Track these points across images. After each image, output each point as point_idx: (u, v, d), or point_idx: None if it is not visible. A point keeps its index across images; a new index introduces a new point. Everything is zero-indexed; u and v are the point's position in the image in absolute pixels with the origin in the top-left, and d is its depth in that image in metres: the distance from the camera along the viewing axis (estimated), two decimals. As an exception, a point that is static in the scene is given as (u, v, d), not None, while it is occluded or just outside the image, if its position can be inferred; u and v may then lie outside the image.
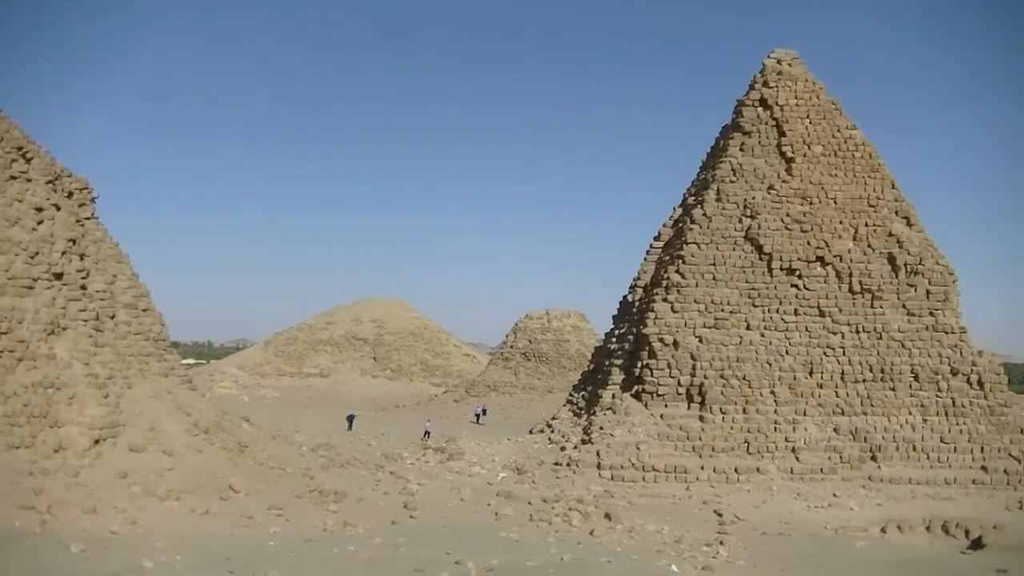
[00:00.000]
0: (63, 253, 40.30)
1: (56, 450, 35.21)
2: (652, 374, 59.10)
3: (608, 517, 43.57)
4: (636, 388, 59.73)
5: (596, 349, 75.07)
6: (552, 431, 63.76)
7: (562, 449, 57.76)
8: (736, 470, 54.21)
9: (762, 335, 60.27)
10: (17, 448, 34.20)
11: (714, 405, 57.39)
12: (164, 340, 47.25)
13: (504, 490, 49.14)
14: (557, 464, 55.22)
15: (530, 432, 68.26)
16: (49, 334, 38.07)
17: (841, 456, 55.96)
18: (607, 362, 65.92)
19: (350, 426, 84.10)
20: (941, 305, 61.89)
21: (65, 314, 39.50)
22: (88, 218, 44.95)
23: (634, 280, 69.05)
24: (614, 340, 67.83)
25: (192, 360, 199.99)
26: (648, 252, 69.03)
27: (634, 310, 66.59)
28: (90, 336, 40.60)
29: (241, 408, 79.94)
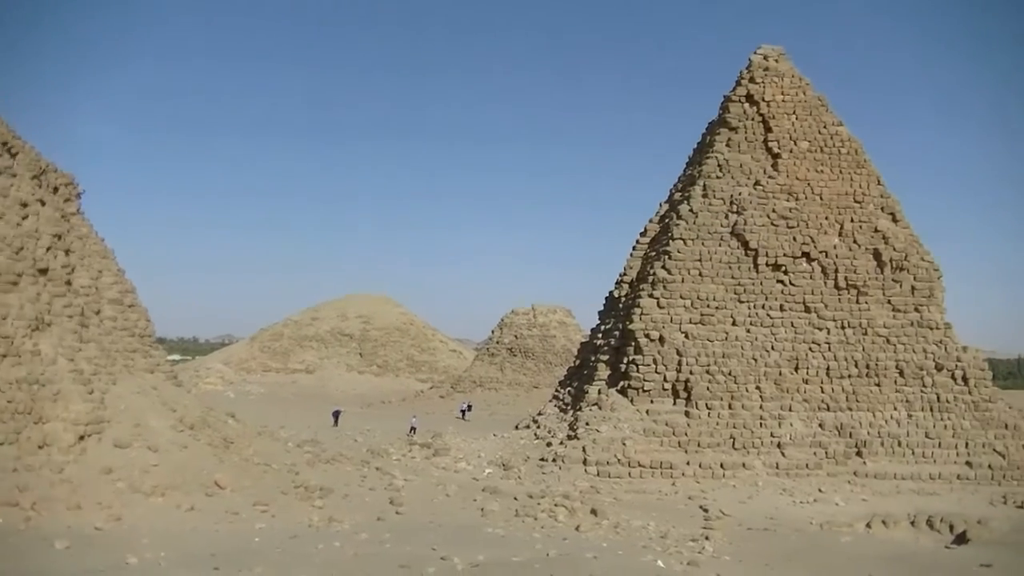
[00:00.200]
0: (48, 248, 40.09)
1: (40, 446, 35.02)
2: (638, 370, 59.13)
3: (594, 513, 43.54)
4: (622, 384, 59.75)
5: (582, 345, 75.02)
6: (538, 427, 63.69)
7: (548, 445, 57.73)
8: (722, 465, 54.26)
9: (748, 331, 60.33)
10: (1, 444, 33.98)
11: (700, 401, 57.44)
12: (149, 336, 47.04)
13: (490, 486, 49.13)
14: (543, 460, 55.18)
15: (516, 428, 68.19)
16: (34, 330, 37.86)
17: (826, 451, 56.07)
18: (593, 358, 65.93)
19: (336, 422, 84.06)
20: (926, 301, 62.05)
21: (50, 310, 39.30)
22: (73, 213, 44.74)
23: (620, 276, 69.04)
24: (600, 336, 67.84)
25: (178, 356, 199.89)
26: (634, 248, 69.03)
27: (620, 306, 66.58)
28: (75, 332, 40.41)
29: (227, 404, 79.80)
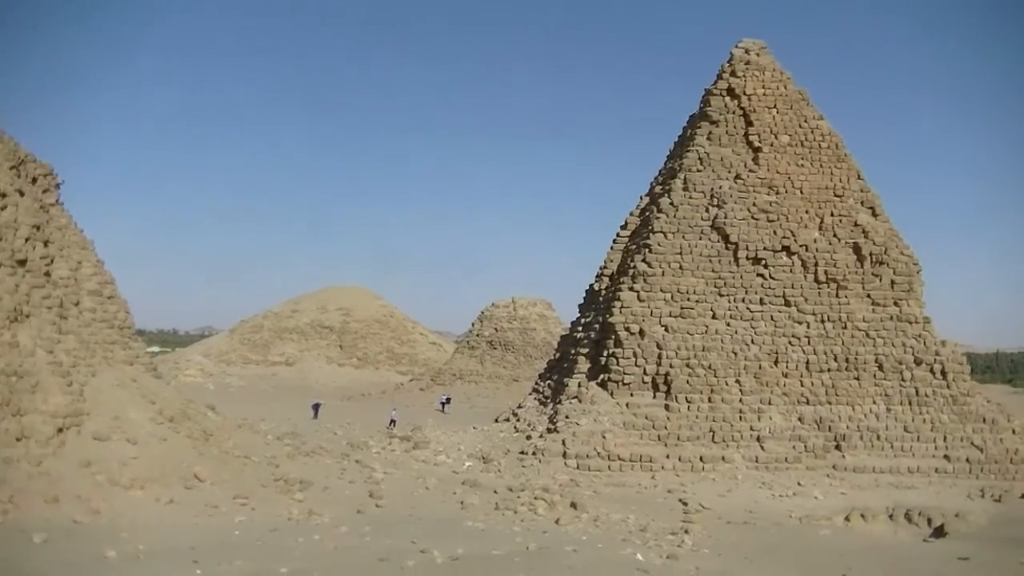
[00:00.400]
0: (27, 239, 39.78)
1: (18, 439, 34.74)
2: (618, 363, 59.18)
3: (574, 506, 43.62)
4: (602, 377, 59.80)
5: (562, 338, 75.02)
6: (518, 420, 63.74)
7: (528, 438, 57.74)
8: (701, 459, 54.35)
9: (728, 324, 60.42)
10: (-22, 437, 33.85)
11: (679, 394, 57.52)
12: (129, 328, 46.77)
13: (470, 479, 49.13)
14: (523, 453, 55.18)
15: (496, 421, 68.17)
16: (12, 321, 37.59)
17: (806, 445, 56.21)
18: (573, 351, 65.96)
19: (316, 415, 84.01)
20: (905, 295, 62.25)
21: (28, 301, 39.02)
22: (53, 204, 44.43)
23: (600, 269, 69.05)
24: (580, 329, 67.86)
25: (157, 348, 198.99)
26: (615, 241, 69.04)
27: (600, 299, 66.62)
28: (54, 323, 40.15)
29: (206, 396, 79.60)
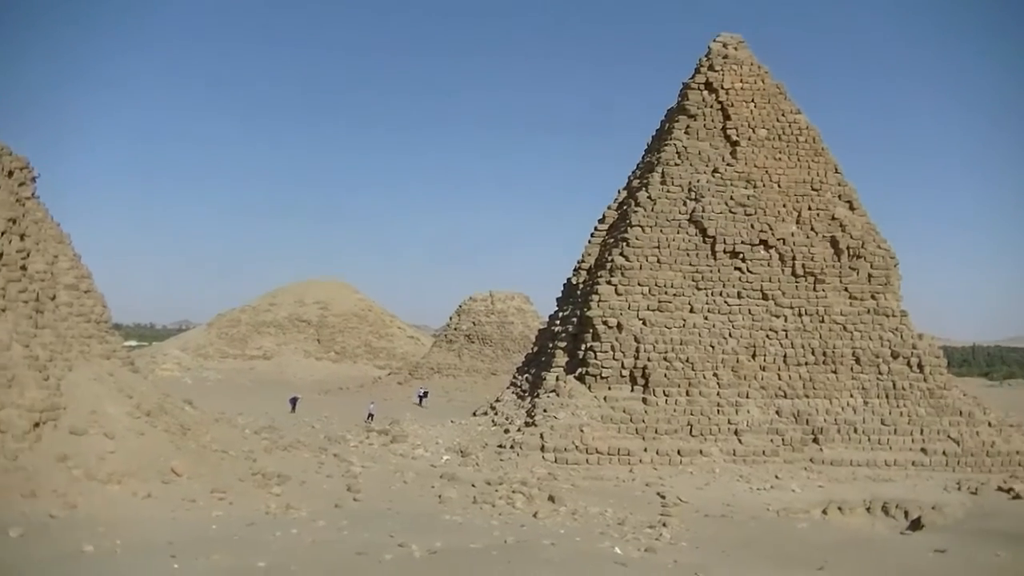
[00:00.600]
0: (2, 233, 39.58)
1: (-6, 433, 34.69)
2: (596, 356, 59.21)
3: (552, 499, 43.61)
4: (580, 370, 59.81)
5: (540, 331, 75.06)
6: (496, 413, 63.68)
7: (506, 431, 57.71)
8: (679, 452, 54.41)
9: (705, 318, 60.52)
10: (-46, 432, 33.69)
11: (657, 388, 57.58)
12: (106, 322, 46.55)
13: (448, 472, 49.07)
14: (501, 446, 55.16)
15: (474, 414, 68.11)
16: (-13, 315, 37.50)
17: (783, 438, 56.36)
18: (551, 344, 65.96)
19: (293, 408, 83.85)
20: (882, 289, 62.48)
21: (4, 295, 38.83)
22: (29, 197, 44.17)
23: (578, 262, 69.09)
24: (558, 322, 67.86)
25: (134, 342, 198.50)
26: (593, 234, 69.08)
27: (578, 292, 66.66)
28: (30, 317, 39.97)
29: (184, 391, 79.38)
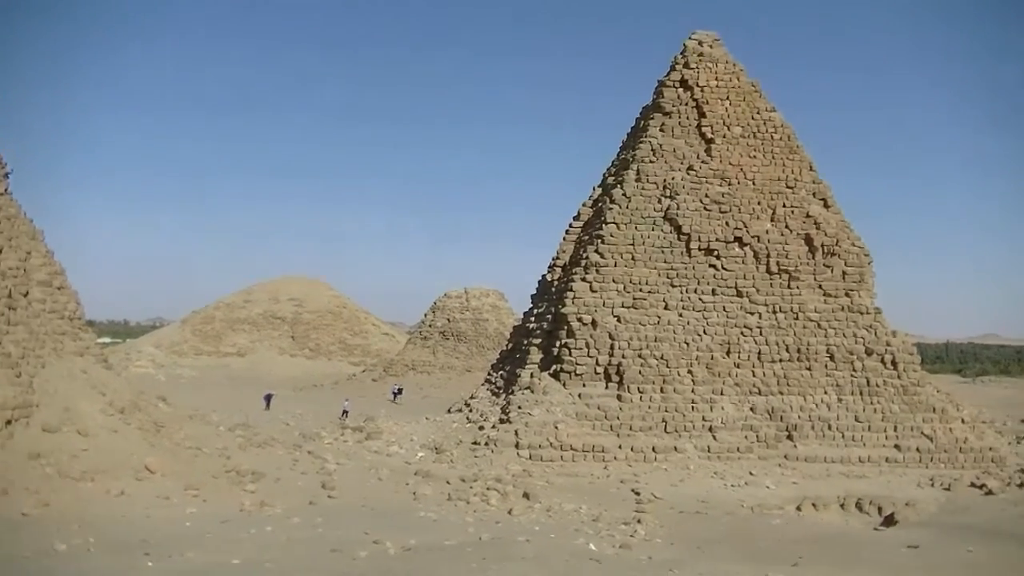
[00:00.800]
0: (-28, 229, 39.39)
1: (-36, 431, 34.44)
2: (570, 353, 59.20)
3: (526, 496, 43.59)
4: (554, 367, 59.78)
5: (514, 328, 74.99)
6: (470, 410, 63.62)
7: (480, 428, 57.64)
8: (654, 449, 54.44)
9: (680, 315, 60.58)
10: (-76, 428, 33.45)
11: (632, 384, 57.60)
12: (79, 319, 46.29)
13: (422, 469, 48.98)
14: (475, 443, 55.07)
15: (448, 411, 68.08)
16: (-43, 312, 37.22)
17: (758, 435, 56.45)
18: (525, 341, 65.92)
19: (268, 405, 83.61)
20: (856, 286, 62.65)
21: (-26, 291, 38.63)
22: (1, 194, 43.95)
23: (553, 259, 69.11)
24: (533, 319, 67.85)
25: (108, 339, 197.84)
26: (567, 232, 69.09)
27: (553, 289, 66.65)
28: (2, 314, 39.62)
29: (158, 388, 78.90)
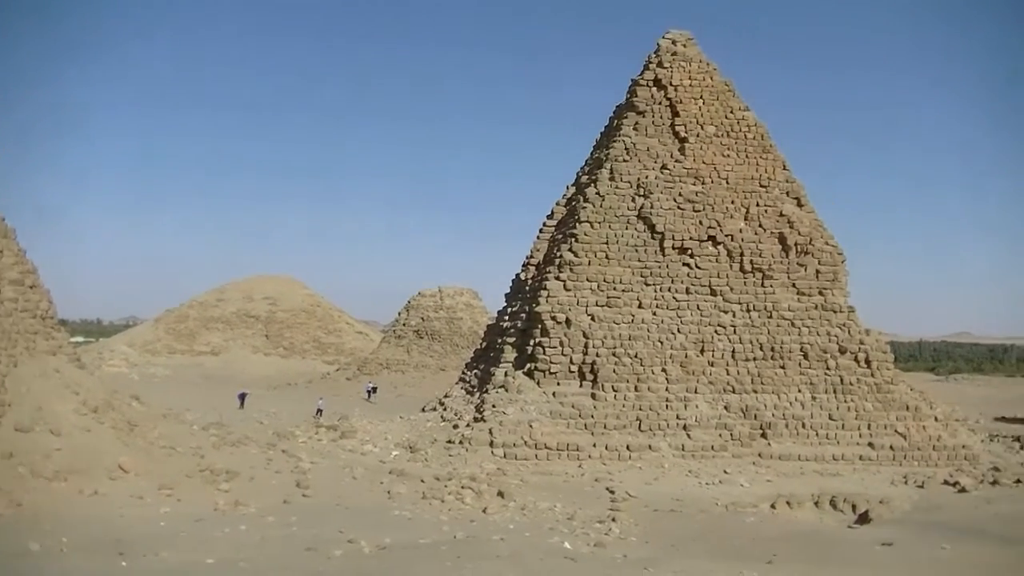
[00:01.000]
0: (-57, 228, 39.16)
1: (-64, 430, 34.27)
2: (544, 352, 59.25)
3: (501, 495, 43.58)
4: (528, 366, 59.83)
5: (488, 327, 74.99)
6: (445, 409, 63.61)
7: (455, 427, 57.62)
8: (628, 447, 54.54)
9: (654, 314, 60.70)
10: None
11: (606, 383, 57.71)
12: (52, 317, 46.03)
13: (397, 468, 48.92)
14: (450, 442, 55.04)
15: (423, 410, 68.00)
16: (-72, 311, 37.00)
17: (732, 433, 56.60)
18: (499, 340, 65.94)
19: (242, 404, 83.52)
20: (830, 285, 62.91)
21: (-54, 290, 38.41)
22: (-29, 192, 43.69)
23: (527, 258, 69.17)
24: (507, 318, 67.90)
25: (81, 338, 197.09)
26: (541, 230, 69.18)
27: (527, 288, 66.69)
28: (-28, 313, 39.56)
29: (131, 387, 78.41)
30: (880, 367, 61.17)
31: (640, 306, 60.74)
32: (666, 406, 57.38)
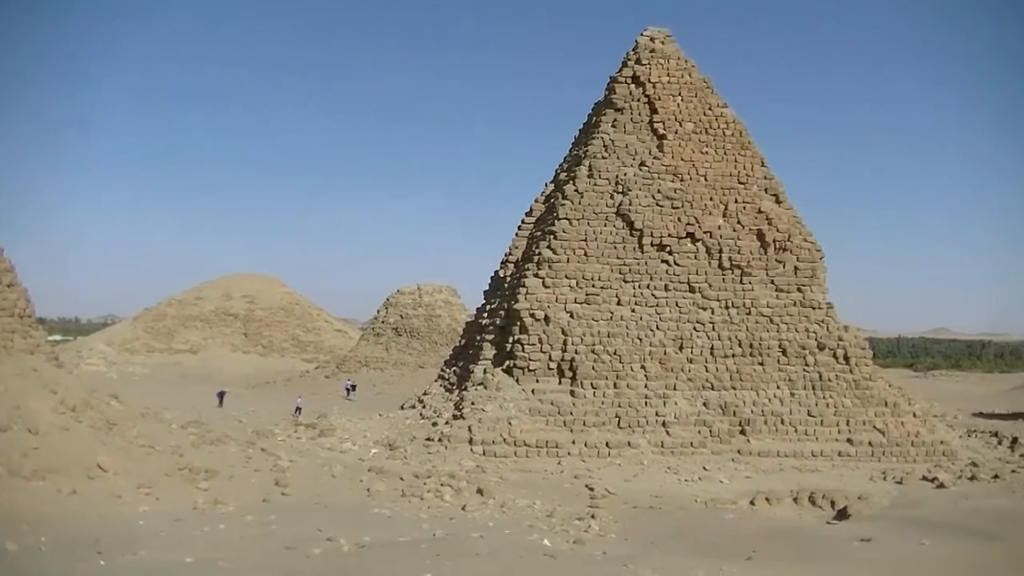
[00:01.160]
0: (-83, 225, 38.88)
1: (-88, 430, 34.03)
2: (523, 349, 59.22)
3: (480, 492, 43.53)
4: (507, 363, 59.79)
5: (467, 324, 74.93)
6: (424, 406, 63.53)
7: (434, 424, 57.54)
8: (607, 444, 54.54)
9: (633, 310, 60.73)
10: None
11: (585, 380, 57.71)
12: (29, 316, 45.73)
13: (376, 466, 48.80)
14: (429, 440, 54.93)
15: (401, 408, 67.87)
16: (-98, 309, 36.75)
17: (711, 430, 56.67)
18: (478, 337, 65.88)
19: (220, 403, 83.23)
20: (808, 281, 63.04)
21: (-79, 289, 38.17)
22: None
23: (505, 255, 69.11)
24: (485, 315, 67.81)
25: (59, 336, 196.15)
26: (520, 227, 69.14)
27: (505, 285, 66.65)
28: (-52, 312, 39.32)
29: (109, 385, 78.20)
30: (859, 363, 61.34)
31: (619, 303, 60.76)
32: (645, 403, 57.42)
